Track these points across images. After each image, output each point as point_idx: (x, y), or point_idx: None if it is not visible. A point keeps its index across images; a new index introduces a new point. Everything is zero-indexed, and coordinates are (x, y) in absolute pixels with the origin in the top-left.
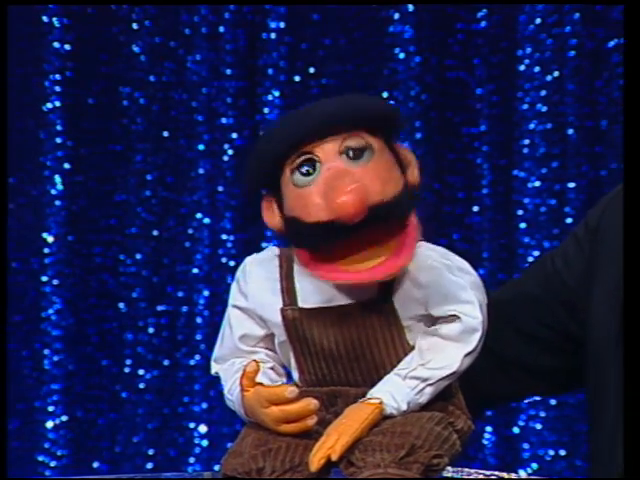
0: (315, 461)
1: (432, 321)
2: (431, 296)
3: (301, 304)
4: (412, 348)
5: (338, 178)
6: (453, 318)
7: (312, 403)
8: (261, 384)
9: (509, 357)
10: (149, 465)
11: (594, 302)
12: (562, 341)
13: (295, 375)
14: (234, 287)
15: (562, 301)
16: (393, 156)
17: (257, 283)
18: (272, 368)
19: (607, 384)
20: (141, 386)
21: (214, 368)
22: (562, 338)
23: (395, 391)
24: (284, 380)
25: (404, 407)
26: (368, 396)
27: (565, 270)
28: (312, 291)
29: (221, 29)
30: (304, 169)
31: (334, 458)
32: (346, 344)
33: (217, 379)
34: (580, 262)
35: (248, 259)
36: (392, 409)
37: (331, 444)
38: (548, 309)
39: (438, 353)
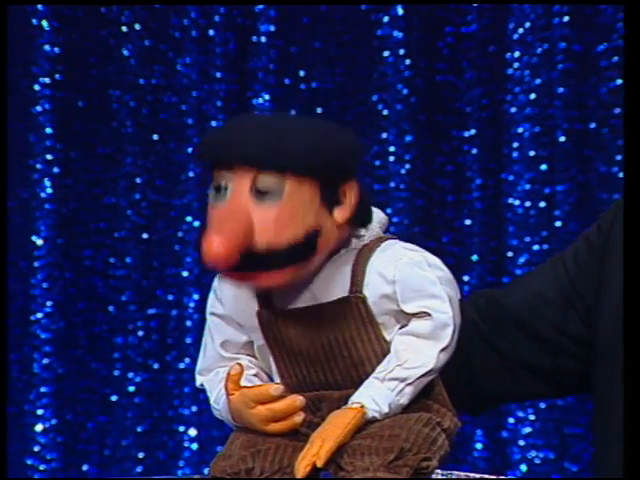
0: (301, 469)
1: (406, 318)
2: (401, 291)
3: (276, 306)
4: (388, 344)
5: (223, 218)
6: (424, 315)
7: (298, 400)
8: (246, 387)
9: (516, 357)
10: (139, 468)
11: (605, 305)
12: (571, 344)
13: (277, 380)
14: (211, 296)
15: (572, 304)
16: (320, 195)
17: (232, 289)
18: (256, 375)
19: (615, 388)
20: (131, 389)
21: (199, 380)
22: (571, 341)
23: (375, 394)
24: None
25: (385, 409)
26: (350, 402)
27: (576, 273)
28: (287, 293)
29: (211, 32)
30: (218, 186)
31: (319, 464)
32: (323, 344)
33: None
34: (592, 265)
35: None
36: (374, 412)
37: (315, 451)
38: (558, 312)
39: (414, 352)
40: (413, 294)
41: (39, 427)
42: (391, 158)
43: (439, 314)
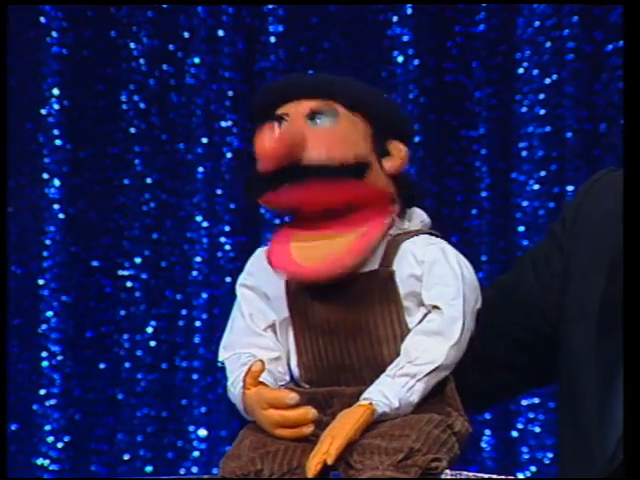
0: (312, 467)
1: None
2: (427, 274)
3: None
4: (408, 330)
5: (280, 131)
6: (435, 309)
7: (311, 412)
8: (264, 384)
9: (489, 357)
10: (148, 468)
11: (569, 299)
12: (536, 340)
13: (294, 361)
14: (243, 272)
15: (535, 301)
16: (372, 138)
17: (263, 262)
18: (277, 358)
19: (581, 383)
20: (140, 389)
21: (222, 355)
22: (535, 337)
23: (386, 389)
24: (287, 379)
25: (396, 404)
26: (361, 399)
27: (544, 268)
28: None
29: (220, 32)
30: (278, 117)
31: (329, 462)
32: (346, 317)
33: (215, 383)
34: (558, 260)
35: (258, 250)
36: (384, 406)
37: (326, 449)
38: (522, 309)
39: (424, 350)
40: (435, 280)
41: (48, 427)
42: None
43: (449, 308)
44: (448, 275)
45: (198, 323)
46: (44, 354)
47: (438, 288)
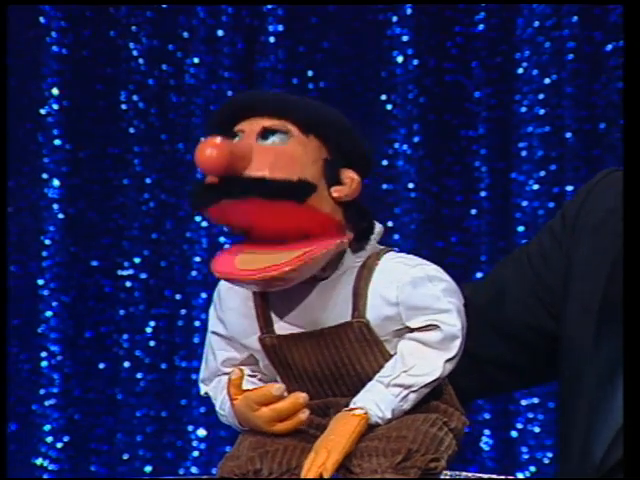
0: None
1: (411, 330)
2: (405, 312)
3: (278, 331)
4: (392, 357)
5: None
6: (432, 327)
7: (301, 397)
8: (248, 390)
9: (485, 355)
10: (147, 468)
11: (570, 298)
12: (539, 338)
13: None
14: (212, 312)
15: (539, 297)
16: (323, 164)
17: (233, 310)
18: (260, 380)
19: (581, 383)
20: (139, 389)
21: (203, 389)
22: (539, 335)
23: (379, 400)
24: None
25: (389, 415)
26: (352, 405)
27: (542, 266)
28: (287, 316)
29: (219, 32)
30: (232, 135)
31: (326, 476)
32: (328, 365)
33: None
34: (558, 258)
35: (221, 283)
36: (377, 418)
37: (321, 462)
38: (524, 306)
39: (420, 359)
40: (418, 312)
41: (47, 427)
42: (400, 158)
43: (448, 327)
44: (431, 302)
45: (197, 323)
46: (44, 354)
47: (427, 316)
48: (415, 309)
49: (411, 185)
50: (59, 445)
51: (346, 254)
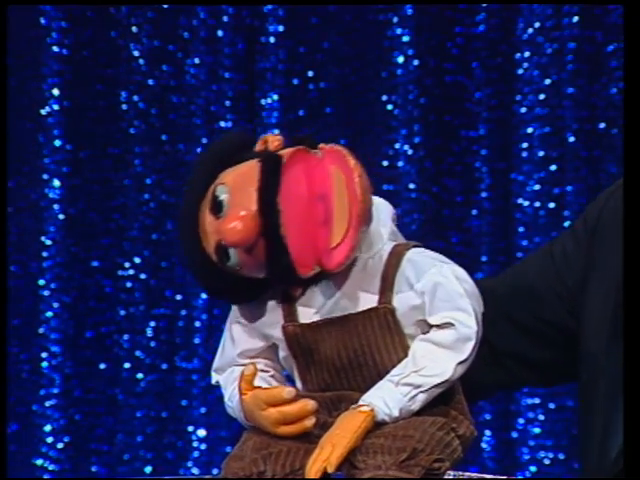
0: (312, 474)
1: (429, 326)
2: (429, 303)
3: (301, 319)
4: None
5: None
6: (448, 325)
7: (310, 404)
8: (259, 387)
9: (503, 348)
10: (147, 469)
11: (590, 298)
12: (557, 335)
13: (299, 385)
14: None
15: (560, 296)
16: None
17: (257, 301)
18: (272, 377)
19: (598, 382)
20: (139, 390)
21: (214, 378)
22: (558, 332)
23: (387, 397)
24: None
25: (396, 413)
26: (360, 402)
27: (563, 265)
28: (311, 304)
29: (220, 33)
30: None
31: (330, 470)
32: (349, 353)
33: (215, 384)
34: (578, 258)
35: None
36: (384, 415)
37: (326, 456)
38: (546, 303)
39: (432, 360)
40: (441, 305)
41: (48, 427)
42: (400, 158)
43: (463, 327)
44: (454, 297)
45: (198, 324)
46: (44, 354)
47: (446, 312)
48: (439, 301)
49: (412, 185)
50: (59, 445)
51: (373, 241)
